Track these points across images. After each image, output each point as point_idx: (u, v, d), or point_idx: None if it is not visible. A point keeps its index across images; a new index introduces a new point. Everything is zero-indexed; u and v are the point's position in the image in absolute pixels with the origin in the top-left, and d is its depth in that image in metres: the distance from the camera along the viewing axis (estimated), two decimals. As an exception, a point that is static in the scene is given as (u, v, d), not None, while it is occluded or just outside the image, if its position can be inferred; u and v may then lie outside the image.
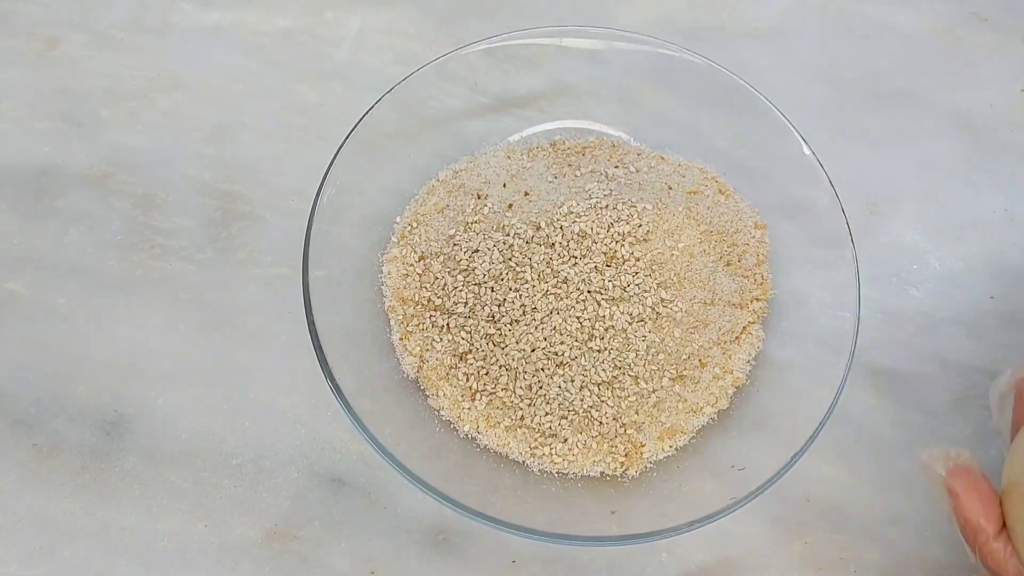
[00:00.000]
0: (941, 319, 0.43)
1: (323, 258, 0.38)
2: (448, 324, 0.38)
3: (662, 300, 0.37)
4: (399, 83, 0.42)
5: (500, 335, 0.37)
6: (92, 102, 0.48)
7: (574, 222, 0.38)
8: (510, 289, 0.37)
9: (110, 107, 0.48)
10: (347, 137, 0.40)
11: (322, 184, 0.39)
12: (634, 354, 0.37)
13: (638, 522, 0.35)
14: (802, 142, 0.41)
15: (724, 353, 0.39)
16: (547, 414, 0.37)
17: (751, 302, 0.40)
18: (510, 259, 0.38)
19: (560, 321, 0.37)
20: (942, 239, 0.45)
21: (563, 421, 0.37)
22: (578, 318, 0.37)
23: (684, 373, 0.38)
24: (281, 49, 0.50)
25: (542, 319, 0.37)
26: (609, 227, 0.38)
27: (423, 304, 0.39)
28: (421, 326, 0.39)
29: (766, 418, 0.38)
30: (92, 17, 0.51)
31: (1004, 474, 0.32)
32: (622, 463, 0.37)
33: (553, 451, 0.37)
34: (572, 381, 0.37)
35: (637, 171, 0.43)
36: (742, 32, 0.52)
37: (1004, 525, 0.31)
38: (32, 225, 0.44)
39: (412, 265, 0.41)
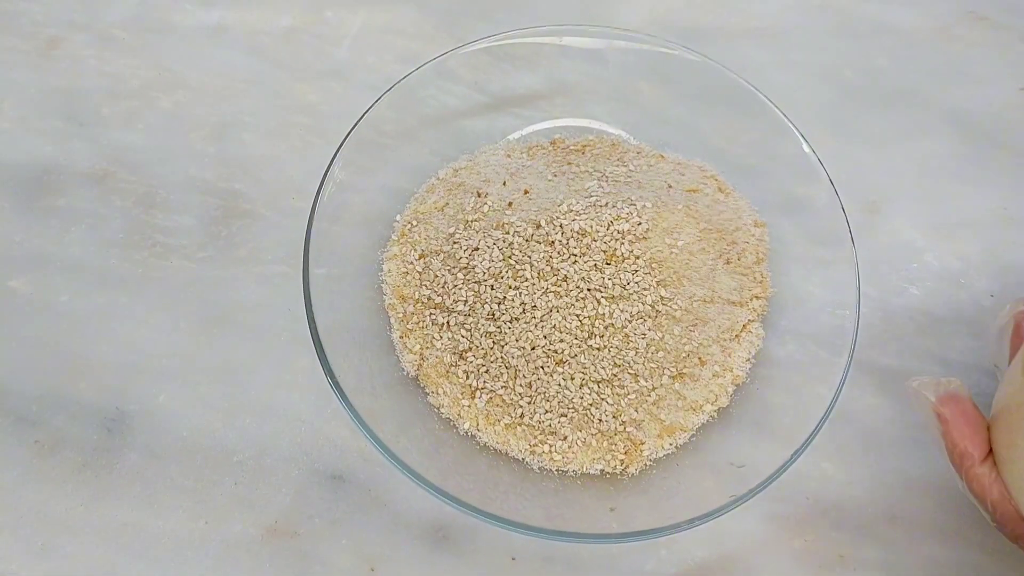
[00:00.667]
0: (941, 317, 0.43)
1: (323, 256, 0.38)
2: (448, 322, 0.39)
3: (661, 298, 0.37)
4: (399, 82, 0.42)
5: (500, 333, 0.37)
6: (93, 101, 0.48)
7: (574, 220, 0.38)
8: (510, 287, 0.38)
9: (111, 106, 0.48)
10: (347, 135, 0.40)
11: (322, 182, 0.39)
12: (634, 352, 0.37)
13: (637, 519, 0.35)
14: (801, 140, 0.41)
15: (724, 351, 0.39)
16: (547, 412, 0.37)
17: (751, 300, 0.40)
18: (510, 257, 0.38)
19: (560, 319, 0.37)
20: (941, 237, 0.45)
21: (563, 419, 0.37)
22: (578, 316, 0.37)
23: (684, 371, 0.38)
24: (282, 48, 0.50)
25: (542, 317, 0.37)
26: (608, 225, 0.38)
27: (423, 302, 0.39)
28: (421, 324, 0.39)
29: (766, 416, 0.38)
30: (93, 16, 0.51)
31: (995, 401, 0.33)
32: (622, 461, 0.37)
33: (553, 449, 0.37)
34: (572, 379, 0.37)
35: (636, 169, 0.43)
36: (741, 31, 0.52)
37: (990, 451, 0.32)
38: (33, 223, 0.44)
39: (412, 263, 0.41)
